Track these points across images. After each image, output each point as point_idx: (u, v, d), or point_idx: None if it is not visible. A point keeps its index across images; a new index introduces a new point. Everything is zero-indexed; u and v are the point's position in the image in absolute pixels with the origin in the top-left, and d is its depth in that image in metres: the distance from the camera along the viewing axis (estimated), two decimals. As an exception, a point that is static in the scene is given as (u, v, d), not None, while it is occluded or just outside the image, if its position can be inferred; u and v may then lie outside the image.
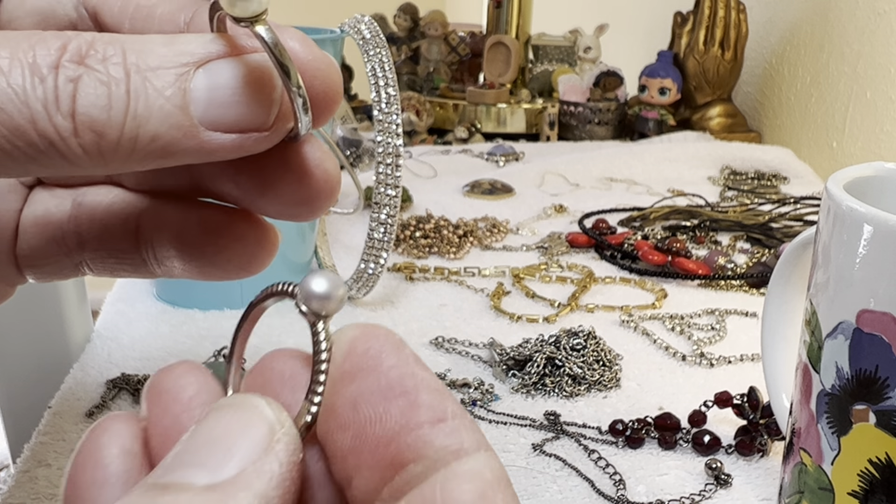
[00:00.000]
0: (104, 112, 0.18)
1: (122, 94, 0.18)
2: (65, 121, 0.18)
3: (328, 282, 0.17)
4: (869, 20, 0.89)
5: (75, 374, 0.46)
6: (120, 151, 0.18)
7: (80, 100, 0.18)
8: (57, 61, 0.18)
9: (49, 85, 0.18)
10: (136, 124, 0.18)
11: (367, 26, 0.50)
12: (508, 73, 1.12)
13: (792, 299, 0.36)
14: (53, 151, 0.18)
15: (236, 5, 0.18)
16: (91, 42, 0.18)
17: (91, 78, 0.18)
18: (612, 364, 0.47)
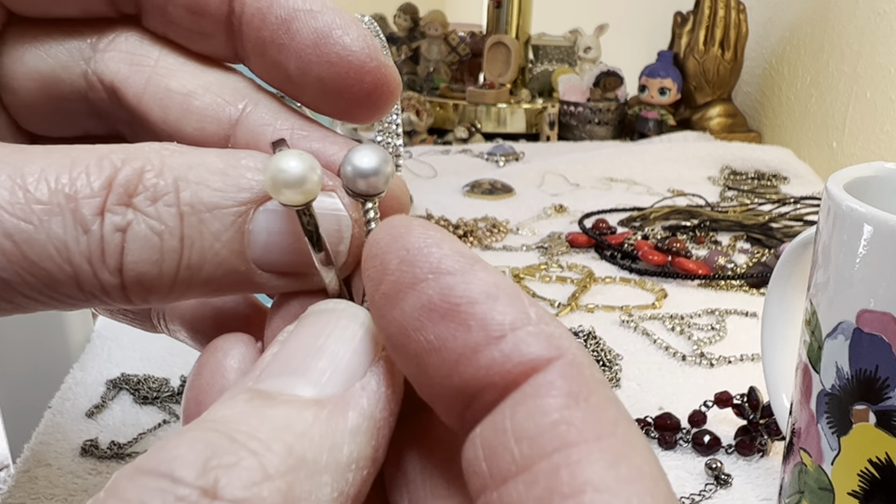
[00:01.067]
0: (155, 266, 0.16)
1: (175, 245, 0.16)
2: (111, 277, 0.16)
3: (376, 156, 0.16)
4: (869, 20, 0.89)
5: (75, 374, 0.46)
6: (168, 297, 0.17)
7: (129, 255, 0.16)
8: (102, 204, 0.15)
9: (95, 237, 0.15)
10: (188, 274, 0.16)
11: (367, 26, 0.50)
12: (508, 73, 1.12)
13: (792, 299, 0.36)
14: (96, 301, 0.16)
15: (282, 193, 0.16)
16: (140, 173, 0.16)
17: (141, 226, 0.16)
18: (612, 364, 0.47)
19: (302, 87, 0.18)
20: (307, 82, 0.18)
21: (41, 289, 0.15)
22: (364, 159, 0.16)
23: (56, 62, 0.19)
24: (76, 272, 0.15)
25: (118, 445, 0.39)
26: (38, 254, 0.15)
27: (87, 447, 0.38)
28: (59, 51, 0.19)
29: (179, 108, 0.19)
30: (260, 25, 0.18)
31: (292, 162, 0.15)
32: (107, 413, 0.42)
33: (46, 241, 0.15)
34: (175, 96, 0.19)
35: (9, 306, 0.16)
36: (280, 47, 0.18)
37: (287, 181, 0.15)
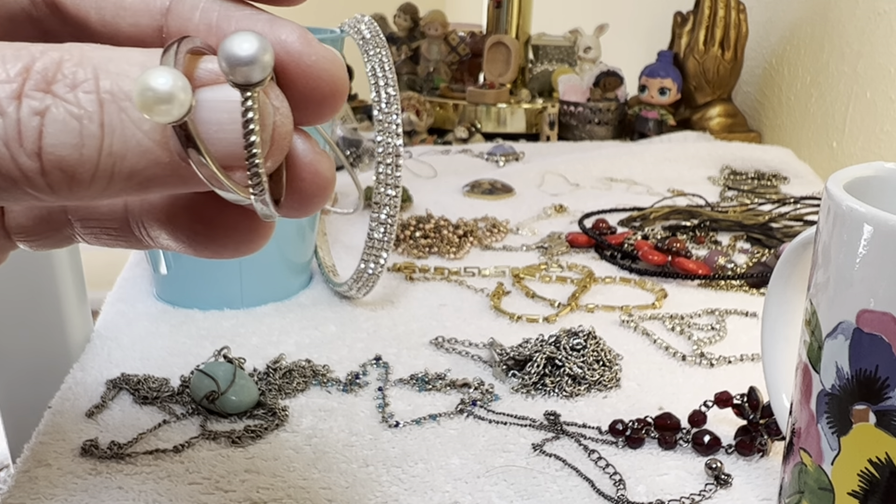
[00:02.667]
0: (75, 150, 0.16)
1: (95, 130, 0.16)
2: (30, 160, 0.16)
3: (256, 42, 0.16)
4: (869, 20, 0.89)
5: (75, 374, 0.46)
6: (92, 189, 0.16)
7: (48, 137, 0.15)
8: (20, 90, 0.15)
9: (11, 119, 0.15)
10: (110, 162, 0.16)
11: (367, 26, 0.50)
12: (508, 73, 1.12)
13: (792, 299, 0.36)
14: (17, 189, 0.16)
15: (153, 109, 0.15)
16: (59, 62, 0.16)
17: (60, 110, 0.16)
18: (612, 364, 0.47)
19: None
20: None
21: None
22: (239, 46, 0.16)
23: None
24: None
25: (118, 445, 0.39)
26: None
27: (87, 447, 0.38)
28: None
29: (113, 7, 0.19)
30: None
31: (160, 79, 0.15)
32: (107, 413, 0.42)
33: None
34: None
35: None
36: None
37: (156, 99, 0.15)
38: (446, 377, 0.46)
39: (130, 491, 0.36)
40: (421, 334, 0.52)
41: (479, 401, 0.44)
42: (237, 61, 0.16)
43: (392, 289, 0.59)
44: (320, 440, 0.40)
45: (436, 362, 0.48)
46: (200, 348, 0.49)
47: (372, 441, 0.40)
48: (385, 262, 0.51)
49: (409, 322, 0.54)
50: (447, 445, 0.40)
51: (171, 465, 0.38)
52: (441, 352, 0.50)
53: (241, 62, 0.16)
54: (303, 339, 0.51)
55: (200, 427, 0.41)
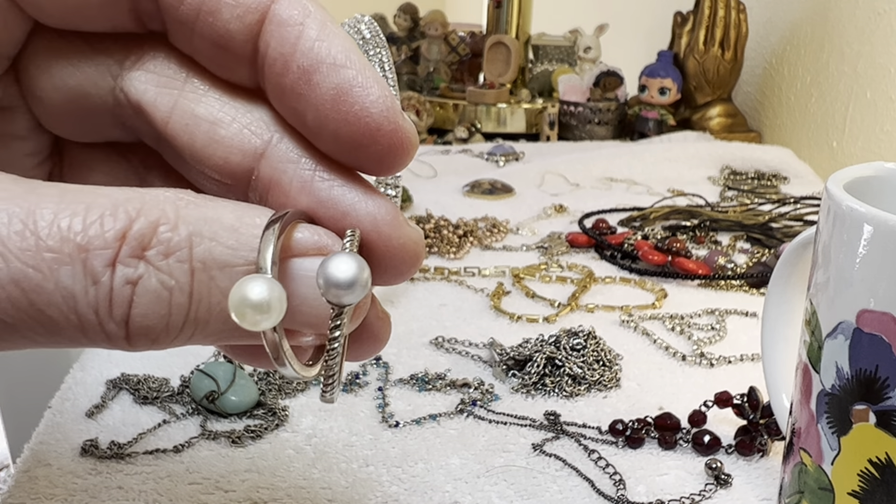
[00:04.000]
0: (162, 320, 0.16)
1: (184, 301, 0.16)
2: (117, 328, 0.15)
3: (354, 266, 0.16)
4: (869, 20, 0.89)
5: (75, 374, 0.46)
6: (171, 346, 0.17)
7: (137, 307, 0.15)
8: (114, 256, 0.15)
9: (104, 289, 0.15)
10: (193, 327, 0.16)
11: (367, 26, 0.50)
12: (508, 73, 1.12)
13: (792, 299, 0.36)
14: (95, 344, 0.16)
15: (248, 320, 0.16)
16: (155, 225, 0.15)
17: (152, 280, 0.15)
18: (612, 364, 0.47)
19: (318, 137, 0.18)
20: (323, 135, 0.18)
21: (43, 333, 0.15)
22: (337, 268, 0.16)
23: (84, 77, 0.19)
24: (81, 321, 0.15)
25: (118, 445, 0.39)
26: (44, 301, 0.15)
27: (87, 447, 0.38)
28: (87, 66, 0.19)
29: (206, 137, 0.19)
30: (282, 72, 0.18)
31: (257, 288, 0.15)
32: (107, 413, 0.42)
33: (54, 290, 0.15)
34: (202, 123, 0.19)
35: (7, 346, 0.16)
36: (299, 97, 0.18)
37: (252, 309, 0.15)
38: (446, 377, 0.46)
39: (130, 491, 0.36)
40: (421, 334, 0.52)
41: (479, 401, 0.44)
42: (336, 284, 0.16)
43: (392, 289, 0.59)
44: (320, 440, 0.40)
45: (436, 362, 0.48)
46: (200, 348, 0.49)
47: (372, 441, 0.40)
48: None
49: (409, 322, 0.54)
50: (447, 445, 0.40)
51: (171, 465, 0.38)
52: (441, 352, 0.50)
53: (340, 285, 0.16)
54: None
55: (200, 427, 0.41)
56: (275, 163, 0.18)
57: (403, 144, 0.18)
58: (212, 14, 0.18)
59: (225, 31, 0.18)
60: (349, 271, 0.16)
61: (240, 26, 0.18)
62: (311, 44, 0.17)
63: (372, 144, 0.18)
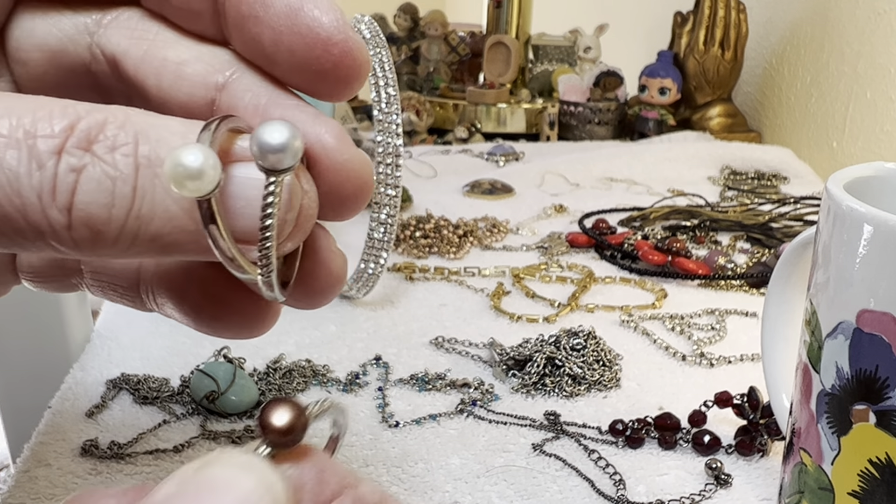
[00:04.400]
0: (105, 210, 0.16)
1: (127, 192, 0.16)
2: (59, 214, 0.16)
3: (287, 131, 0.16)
4: (869, 20, 0.89)
5: (75, 374, 0.46)
6: (114, 248, 0.17)
7: (80, 194, 0.16)
8: (61, 145, 0.16)
9: (48, 174, 0.16)
10: (136, 224, 0.16)
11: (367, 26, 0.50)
12: (508, 73, 1.12)
13: (792, 299, 0.36)
14: (41, 241, 0.16)
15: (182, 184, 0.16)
16: (102, 123, 0.16)
17: (96, 169, 0.16)
18: (612, 364, 0.47)
19: (275, 59, 0.19)
20: (279, 54, 0.19)
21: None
22: (270, 134, 0.16)
23: (63, 35, 0.20)
24: (24, 205, 0.16)
25: (118, 445, 0.39)
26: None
27: (87, 447, 0.38)
28: (66, 24, 0.20)
29: (172, 76, 0.20)
30: (239, 0, 0.19)
31: (191, 156, 0.16)
32: (107, 413, 0.42)
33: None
34: (169, 65, 0.20)
35: None
36: (256, 20, 0.19)
37: (185, 174, 0.16)
38: (446, 377, 0.46)
39: (130, 491, 0.36)
40: (421, 334, 0.52)
41: (479, 401, 0.44)
42: (268, 148, 0.16)
43: (392, 289, 0.59)
44: (320, 440, 0.40)
45: (436, 362, 0.48)
46: (200, 348, 0.49)
47: (372, 441, 0.40)
48: (385, 262, 0.51)
49: (409, 322, 0.54)
50: (447, 445, 0.40)
51: (171, 465, 0.38)
52: (441, 352, 0.50)
53: (272, 149, 0.16)
54: (303, 338, 0.51)
55: (200, 427, 0.41)
56: (233, 93, 0.20)
57: (354, 55, 0.19)
58: None
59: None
60: (282, 135, 0.16)
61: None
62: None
63: (324, 55, 0.19)
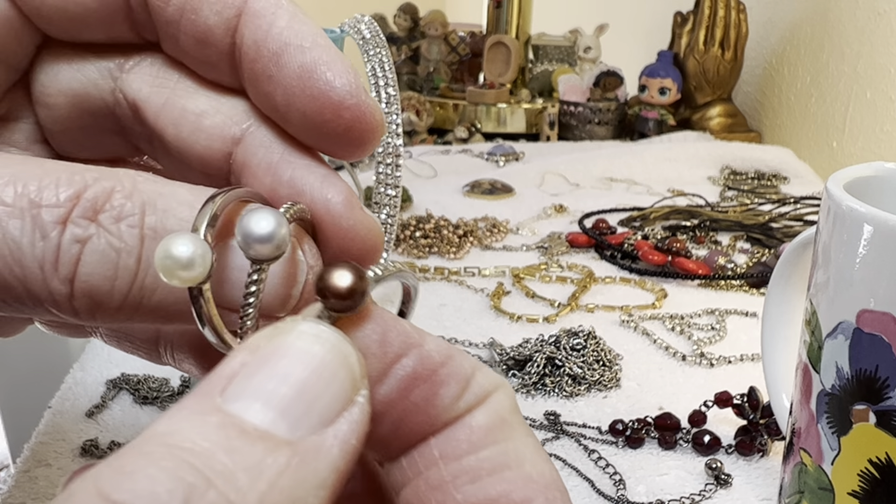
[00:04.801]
0: (108, 282, 0.16)
1: (131, 265, 0.16)
2: (61, 285, 0.16)
3: (272, 222, 0.16)
4: (869, 20, 0.89)
5: (75, 374, 0.46)
6: (116, 317, 0.17)
7: (83, 266, 0.16)
8: (66, 215, 0.16)
9: (51, 244, 0.15)
10: (139, 295, 0.16)
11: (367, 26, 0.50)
12: (508, 73, 1.12)
13: (792, 299, 0.36)
14: (41, 308, 0.16)
15: (172, 275, 0.16)
16: (110, 192, 0.16)
17: (101, 241, 0.16)
18: (612, 364, 0.47)
19: (287, 118, 0.19)
20: (291, 114, 0.19)
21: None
22: (256, 224, 0.16)
23: (87, 80, 0.21)
24: (25, 275, 0.15)
25: (118, 445, 0.39)
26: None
27: (87, 447, 0.38)
28: (90, 69, 0.21)
29: (191, 126, 0.20)
30: (254, 57, 0.19)
31: (181, 244, 0.16)
32: (107, 413, 0.42)
33: (1, 240, 0.15)
34: (189, 115, 0.20)
35: None
36: (269, 79, 0.19)
37: (175, 265, 0.16)
38: (446, 377, 0.46)
39: (130, 491, 0.36)
40: (421, 334, 0.52)
41: (479, 401, 0.44)
42: (252, 237, 0.16)
43: (392, 289, 0.59)
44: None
45: (436, 362, 0.48)
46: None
47: (372, 441, 0.40)
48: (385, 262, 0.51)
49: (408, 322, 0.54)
50: (447, 445, 0.40)
51: (171, 465, 0.38)
52: (441, 352, 0.50)
53: (256, 238, 0.16)
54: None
55: (200, 427, 0.41)
56: (248, 147, 0.20)
57: (367, 119, 0.19)
58: (194, 12, 0.19)
59: (206, 26, 0.19)
60: (268, 224, 0.16)
61: (218, 20, 0.19)
62: (281, 30, 0.19)
63: (336, 119, 0.19)
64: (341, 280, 0.16)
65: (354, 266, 0.16)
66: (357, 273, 0.16)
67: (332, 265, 0.16)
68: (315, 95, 0.18)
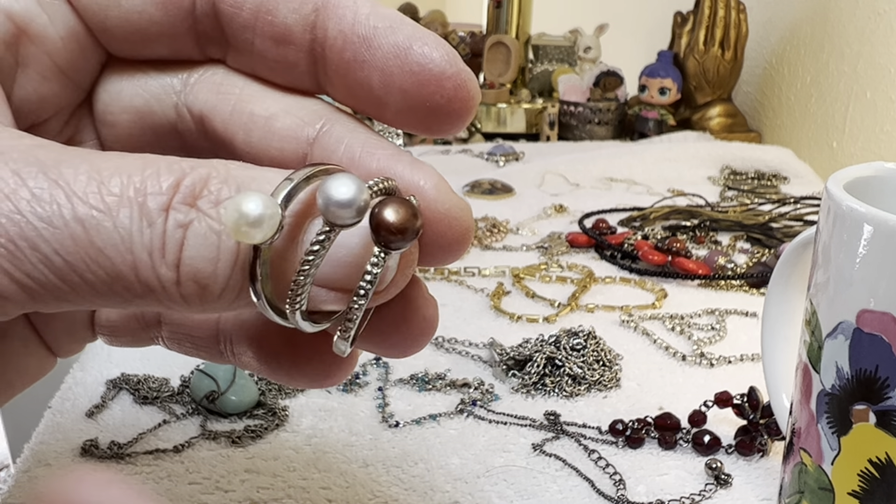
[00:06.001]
0: (211, 264, 0.16)
1: (231, 245, 0.16)
2: (169, 271, 0.16)
3: (354, 186, 0.16)
4: (869, 20, 0.89)
5: (75, 374, 0.46)
6: (220, 301, 0.17)
7: (188, 250, 0.16)
8: (168, 202, 0.16)
9: (157, 230, 0.16)
10: (242, 277, 0.17)
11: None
12: (508, 73, 1.12)
13: (792, 299, 0.36)
14: (151, 297, 0.17)
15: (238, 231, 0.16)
16: (206, 179, 0.17)
17: (202, 225, 0.16)
18: (612, 364, 0.47)
19: (385, 101, 0.19)
20: (390, 95, 0.19)
21: (101, 276, 0.16)
22: (336, 189, 0.16)
23: (150, 95, 0.21)
24: (136, 262, 0.16)
25: (118, 445, 0.39)
26: (103, 240, 0.16)
27: (87, 447, 0.38)
28: (153, 85, 0.21)
29: (262, 130, 0.20)
30: (342, 47, 0.19)
31: (251, 204, 0.16)
32: (107, 413, 0.42)
33: (113, 229, 0.16)
34: (258, 119, 0.20)
35: (71, 295, 0.16)
36: (363, 64, 0.19)
37: (244, 222, 0.16)
38: (446, 377, 0.46)
39: (130, 491, 0.36)
40: (421, 334, 0.52)
41: (479, 401, 0.44)
42: (332, 201, 0.16)
43: (392, 289, 0.59)
44: (320, 440, 0.40)
45: (436, 362, 0.48)
46: (200, 348, 0.49)
47: (372, 441, 0.40)
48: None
49: (409, 322, 0.54)
50: (447, 445, 0.40)
51: (171, 465, 0.38)
52: (441, 352, 0.50)
53: (335, 203, 0.16)
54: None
55: (200, 427, 0.41)
56: (326, 146, 0.20)
57: (468, 87, 0.19)
58: (270, 13, 0.19)
59: (284, 26, 0.19)
60: (346, 190, 0.16)
61: (297, 18, 0.19)
62: (366, 16, 0.19)
63: (438, 91, 0.19)
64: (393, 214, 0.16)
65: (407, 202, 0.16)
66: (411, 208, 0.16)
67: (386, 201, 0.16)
68: (415, 70, 0.18)
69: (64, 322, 0.23)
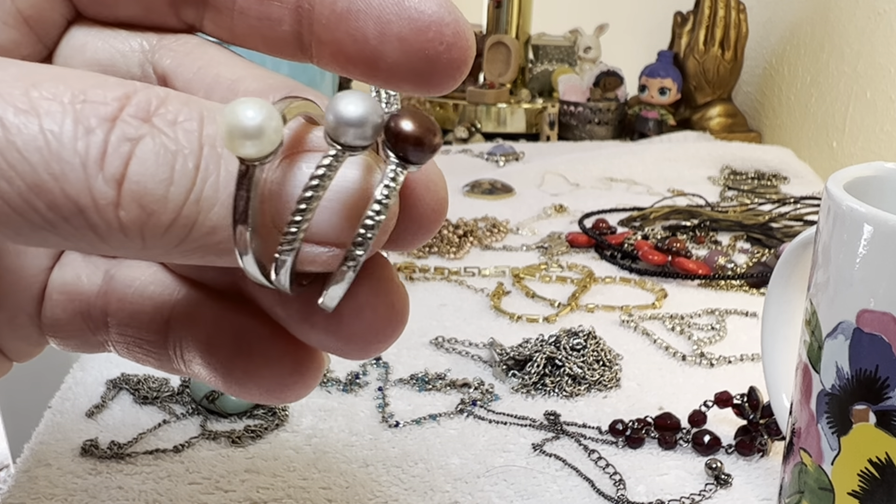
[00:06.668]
0: (162, 186, 0.14)
1: (189, 168, 0.14)
2: (107, 186, 0.14)
3: (368, 104, 0.14)
4: (869, 20, 0.89)
5: (75, 373, 0.46)
6: (167, 238, 0.15)
7: (135, 165, 0.14)
8: (115, 114, 0.14)
9: (96, 139, 0.14)
10: (195, 210, 0.15)
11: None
12: (508, 73, 1.12)
13: (792, 299, 0.36)
14: (81, 221, 0.14)
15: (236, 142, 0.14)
16: (163, 98, 0.15)
17: (156, 142, 0.14)
18: (612, 364, 0.47)
19: (381, 52, 0.18)
20: (387, 44, 0.18)
21: (20, 187, 0.14)
22: (349, 107, 0.15)
23: (115, 50, 0.20)
24: (64, 173, 0.14)
25: (118, 445, 0.39)
26: (24, 141, 0.13)
27: (87, 447, 0.38)
28: (118, 42, 0.20)
29: (225, 91, 0.19)
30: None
31: (250, 111, 0.14)
32: (107, 413, 0.42)
33: (38, 131, 0.13)
34: (223, 81, 0.19)
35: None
36: (357, 14, 0.18)
37: (242, 131, 0.14)
38: (446, 377, 0.46)
39: (130, 491, 0.36)
40: (421, 334, 0.52)
41: (479, 401, 0.44)
42: (343, 119, 0.14)
43: (392, 289, 0.59)
44: (320, 440, 0.40)
45: (436, 362, 0.48)
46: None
47: (372, 441, 0.40)
48: (385, 261, 0.51)
49: (409, 322, 0.53)
50: (447, 445, 0.40)
51: (171, 465, 0.38)
52: (441, 352, 0.50)
53: (347, 121, 0.14)
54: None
55: (200, 427, 0.41)
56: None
57: (466, 36, 0.18)
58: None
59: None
60: (354, 109, 0.15)
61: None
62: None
63: (438, 38, 0.18)
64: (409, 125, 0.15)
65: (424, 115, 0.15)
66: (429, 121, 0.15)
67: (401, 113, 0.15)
68: (413, 17, 0.18)
69: (6, 314, 0.22)
